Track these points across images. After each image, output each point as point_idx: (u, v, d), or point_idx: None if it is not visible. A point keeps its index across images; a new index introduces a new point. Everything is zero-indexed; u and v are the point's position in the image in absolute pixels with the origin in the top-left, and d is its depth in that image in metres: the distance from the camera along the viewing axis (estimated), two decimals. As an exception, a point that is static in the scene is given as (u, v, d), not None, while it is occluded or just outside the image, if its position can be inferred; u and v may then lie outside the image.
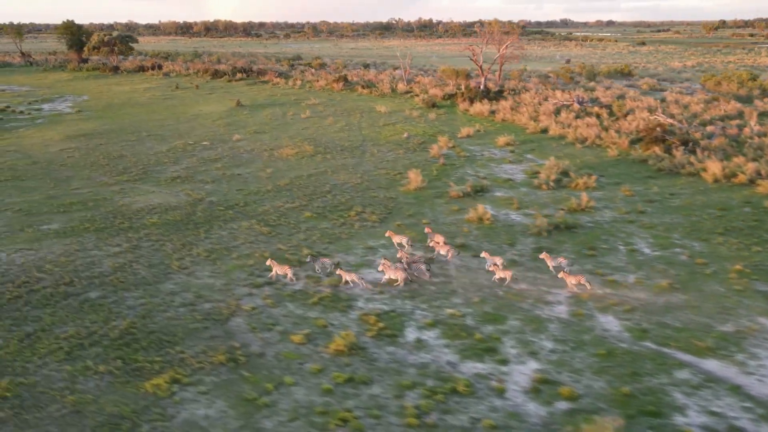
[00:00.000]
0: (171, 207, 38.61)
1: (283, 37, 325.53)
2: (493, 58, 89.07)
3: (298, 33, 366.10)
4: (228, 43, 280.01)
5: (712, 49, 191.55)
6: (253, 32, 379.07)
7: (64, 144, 58.99)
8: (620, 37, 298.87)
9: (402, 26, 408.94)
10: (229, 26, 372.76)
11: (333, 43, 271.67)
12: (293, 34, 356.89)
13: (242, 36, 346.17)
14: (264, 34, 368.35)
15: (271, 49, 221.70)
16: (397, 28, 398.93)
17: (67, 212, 38.06)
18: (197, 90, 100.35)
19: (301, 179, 44.80)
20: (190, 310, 24.94)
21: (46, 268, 29.30)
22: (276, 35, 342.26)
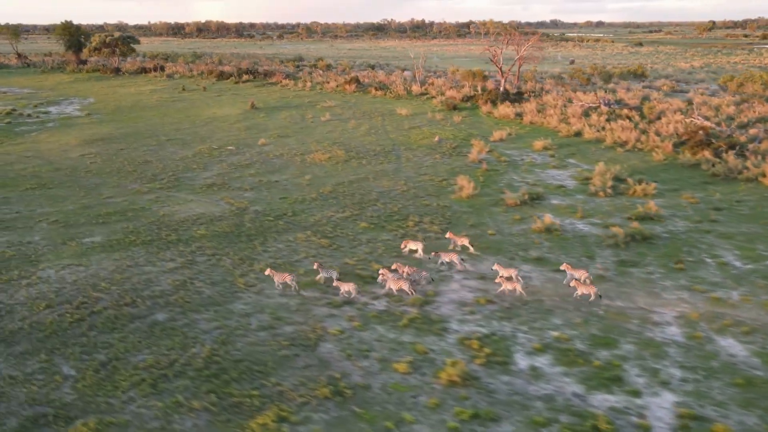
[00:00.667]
0: (216, 217, 36.49)
1: (277, 38, 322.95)
2: (496, 58, 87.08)
3: (291, 33, 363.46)
4: (222, 44, 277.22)
5: (712, 50, 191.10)
6: (245, 33, 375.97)
7: (82, 149, 56.69)
8: (615, 37, 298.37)
9: (395, 27, 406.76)
10: (221, 27, 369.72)
11: (328, 44, 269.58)
12: (286, 34, 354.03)
13: (235, 37, 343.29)
14: (256, 34, 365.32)
15: (268, 50, 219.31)
16: (390, 29, 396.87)
17: (106, 223, 35.86)
18: (205, 92, 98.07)
19: (344, 186, 42.84)
20: (272, 335, 22.92)
21: (102, 286, 27.16)
22: (269, 36, 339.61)
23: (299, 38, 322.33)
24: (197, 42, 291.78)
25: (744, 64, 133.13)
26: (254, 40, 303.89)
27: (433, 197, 40.24)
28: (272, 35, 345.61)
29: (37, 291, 26.84)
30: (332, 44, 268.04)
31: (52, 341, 22.67)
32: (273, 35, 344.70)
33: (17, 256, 30.81)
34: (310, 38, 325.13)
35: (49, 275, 28.50)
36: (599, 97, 71.96)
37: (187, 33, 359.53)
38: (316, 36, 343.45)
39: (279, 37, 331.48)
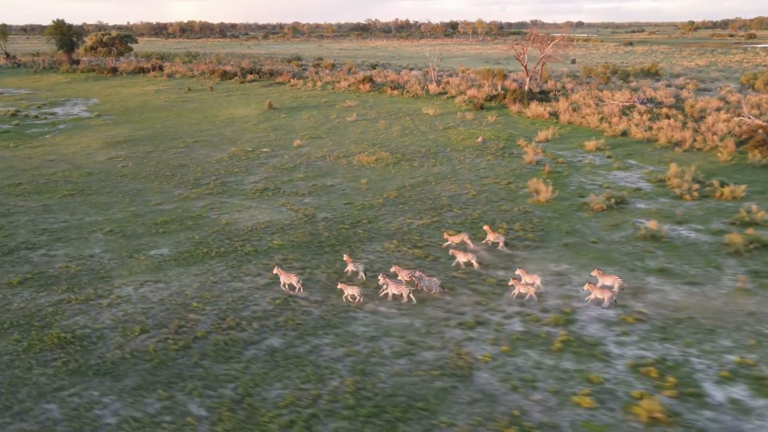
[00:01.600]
0: (286, 225, 33.56)
1: (262, 38, 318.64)
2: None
3: (276, 34, 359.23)
4: (209, 44, 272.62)
5: (707, 49, 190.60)
6: (228, 33, 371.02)
7: (108, 152, 53.46)
8: (601, 37, 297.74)
9: (380, 27, 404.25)
10: (205, 27, 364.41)
11: (317, 44, 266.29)
12: (271, 35, 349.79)
13: (219, 37, 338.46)
14: (241, 35, 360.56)
15: (257, 50, 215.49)
16: (375, 29, 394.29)
17: (167, 233, 32.76)
18: (213, 92, 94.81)
19: (406, 190, 40.10)
20: (414, 363, 20.12)
21: (194, 306, 24.16)
22: (254, 36, 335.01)
23: (285, 38, 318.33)
24: (183, 42, 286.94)
25: (749, 62, 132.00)
26: (240, 41, 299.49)
27: (508, 201, 37.58)
28: (257, 35, 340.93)
29: (123, 312, 23.72)
30: (320, 44, 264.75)
31: (164, 373, 19.63)
32: (258, 35, 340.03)
33: (84, 272, 27.67)
34: (296, 38, 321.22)
35: (128, 294, 25.39)
36: (634, 95, 69.57)
37: (170, 33, 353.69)
38: (303, 36, 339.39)
39: (264, 37, 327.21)
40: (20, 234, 32.95)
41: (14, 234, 32.96)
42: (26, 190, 41.71)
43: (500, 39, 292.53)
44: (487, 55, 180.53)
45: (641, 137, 55.06)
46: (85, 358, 20.60)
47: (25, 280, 27.02)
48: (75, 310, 24.08)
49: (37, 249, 30.75)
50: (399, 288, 24.32)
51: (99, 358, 20.68)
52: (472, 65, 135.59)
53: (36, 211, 37.09)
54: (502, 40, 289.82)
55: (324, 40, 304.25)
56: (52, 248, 30.84)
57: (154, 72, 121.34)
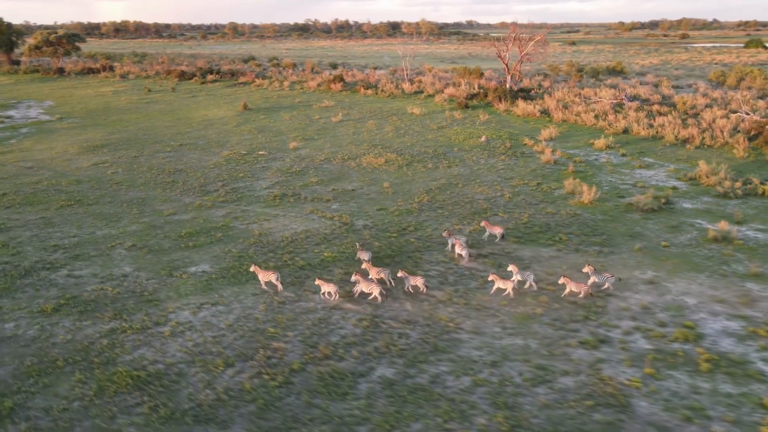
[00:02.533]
0: (327, 235, 30.79)
1: (201, 38, 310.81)
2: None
3: (215, 34, 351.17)
4: (147, 44, 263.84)
5: (651, 48, 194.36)
6: (165, 33, 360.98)
7: (89, 157, 49.50)
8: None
9: (320, 27, 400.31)
10: (140, 27, 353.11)
11: (260, 44, 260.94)
12: (209, 35, 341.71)
13: (155, 37, 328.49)
14: (177, 35, 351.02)
15: (200, 50, 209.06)
16: (315, 29, 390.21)
17: (198, 247, 29.47)
18: (175, 93, 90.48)
19: (436, 193, 37.88)
20: (557, 392, 18.06)
21: (271, 332, 21.44)
22: (193, 36, 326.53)
23: (226, 39, 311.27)
24: (119, 42, 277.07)
25: (700, 61, 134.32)
26: (179, 41, 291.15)
27: (548, 204, 35.67)
28: (195, 36, 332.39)
29: (192, 343, 20.54)
30: (264, 44, 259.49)
31: (276, 417, 16.77)
32: (196, 36, 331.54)
33: (125, 295, 24.25)
34: (237, 38, 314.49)
35: (188, 320, 22.15)
36: (621, 93, 68.82)
37: (103, 33, 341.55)
38: (244, 36, 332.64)
39: (203, 37, 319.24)
40: (29, 251, 29.11)
41: (23, 252, 29.08)
42: (14, 201, 37.52)
43: (444, 39, 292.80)
44: (439, 54, 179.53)
45: (646, 135, 54.06)
46: (174, 402, 17.43)
47: (59, 306, 23.41)
48: (134, 342, 20.73)
49: (57, 269, 27.03)
50: (369, 286, 23.36)
51: (190, 400, 17.53)
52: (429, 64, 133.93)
53: (36, 224, 33.12)
54: (446, 40, 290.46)
55: (266, 40, 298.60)
56: (74, 267, 27.16)
57: (104, 72, 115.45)
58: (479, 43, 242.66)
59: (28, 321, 22.43)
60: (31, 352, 20.31)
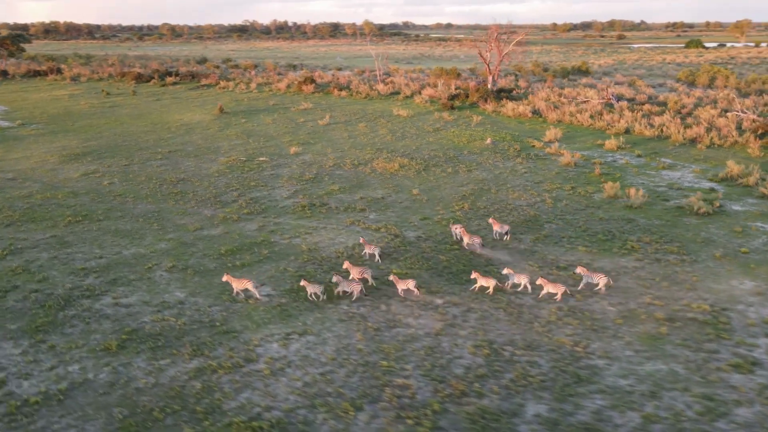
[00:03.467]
0: (384, 249, 28.58)
1: (137, 40, 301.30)
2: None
3: (151, 35, 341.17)
4: (81, 45, 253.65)
5: (596, 49, 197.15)
6: (97, 35, 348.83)
7: (74, 167, 46.01)
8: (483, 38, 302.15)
9: (259, 28, 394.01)
10: (72, 28, 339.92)
11: (201, 46, 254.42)
12: (146, 36, 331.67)
13: (88, 38, 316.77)
14: (110, 36, 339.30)
15: (141, 51, 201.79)
16: (254, 30, 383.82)
17: (247, 266, 26.83)
18: (138, 97, 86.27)
19: (473, 200, 36.43)
20: (744, 426, 15.80)
21: (384, 365, 19.11)
22: (129, 38, 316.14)
23: (164, 40, 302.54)
24: (52, 44, 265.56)
25: (652, 60, 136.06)
26: (114, 42, 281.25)
27: (595, 209, 34.24)
28: (132, 37, 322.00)
29: (301, 382, 18.07)
30: (206, 46, 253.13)
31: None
32: (133, 37, 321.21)
33: (194, 326, 21.44)
34: (176, 39, 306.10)
35: (281, 353, 19.54)
36: (608, 93, 68.26)
37: (32, 34, 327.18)
38: (183, 37, 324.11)
39: (139, 38, 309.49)
40: (56, 277, 25.78)
41: (50, 278, 25.71)
42: (13, 217, 33.81)
43: (388, 39, 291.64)
44: (392, 55, 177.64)
45: (651, 135, 53.21)
46: (318, 458, 14.69)
47: (123, 342, 20.36)
48: (233, 384, 17.96)
49: (98, 296, 23.81)
50: (350, 285, 23.12)
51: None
52: (372, 65, 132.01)
53: (49, 244, 29.61)
54: (391, 41, 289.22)
55: (207, 41, 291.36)
56: (117, 294, 23.98)
57: (52, 75, 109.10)
58: (427, 43, 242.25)
59: (94, 362, 19.28)
60: (115, 401, 17.29)
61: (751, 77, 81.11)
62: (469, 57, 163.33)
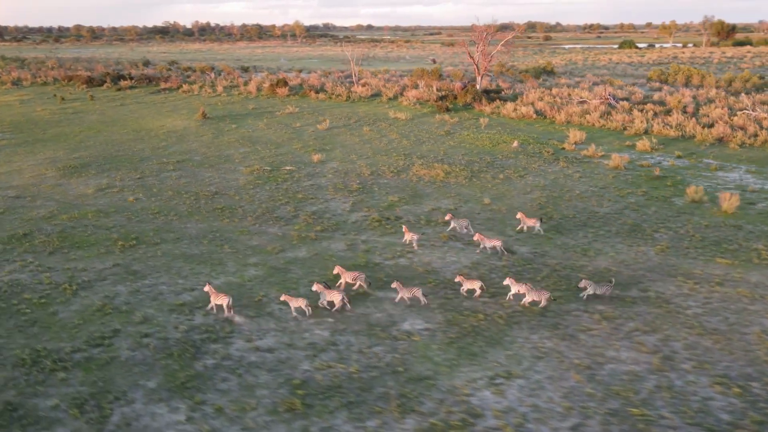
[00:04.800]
0: (508, 268, 25.99)
1: (54, 42, 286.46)
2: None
3: (66, 37, 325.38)
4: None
5: (535, 50, 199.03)
6: (7, 36, 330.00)
7: (82, 181, 41.89)
8: (407, 38, 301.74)
9: (181, 30, 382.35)
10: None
11: (127, 48, 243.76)
12: (62, 38, 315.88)
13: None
14: (21, 37, 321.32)
15: (68, 54, 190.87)
16: (177, 32, 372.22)
17: (370, 294, 23.23)
18: (97, 102, 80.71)
19: (555, 209, 33.95)
20: None
21: (639, 414, 15.96)
22: (45, 40, 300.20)
23: (83, 42, 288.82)
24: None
25: (599, 60, 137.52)
26: (30, 44, 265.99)
27: (686, 215, 32.82)
28: (47, 39, 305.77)
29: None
30: (132, 48, 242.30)
31: None
32: (49, 39, 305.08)
33: (373, 373, 18.55)
34: (96, 41, 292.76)
35: (503, 404, 16.76)
36: (606, 92, 67.38)
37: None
38: (103, 39, 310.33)
39: (56, 40, 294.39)
40: (157, 316, 22.09)
41: (150, 318, 21.91)
42: (51, 243, 29.48)
43: (320, 41, 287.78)
44: (329, 56, 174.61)
45: (675, 135, 52.10)
46: None
47: (303, 398, 16.86)
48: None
49: (227, 340, 20.22)
50: (331, 294, 21.97)
51: None
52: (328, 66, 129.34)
53: (119, 275, 25.62)
54: (323, 42, 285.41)
55: (131, 43, 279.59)
56: (245, 337, 20.40)
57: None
58: (360, 45, 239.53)
59: (287, 427, 15.60)
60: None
61: (727, 76, 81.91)
62: (416, 58, 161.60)
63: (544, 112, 62.79)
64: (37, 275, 25.65)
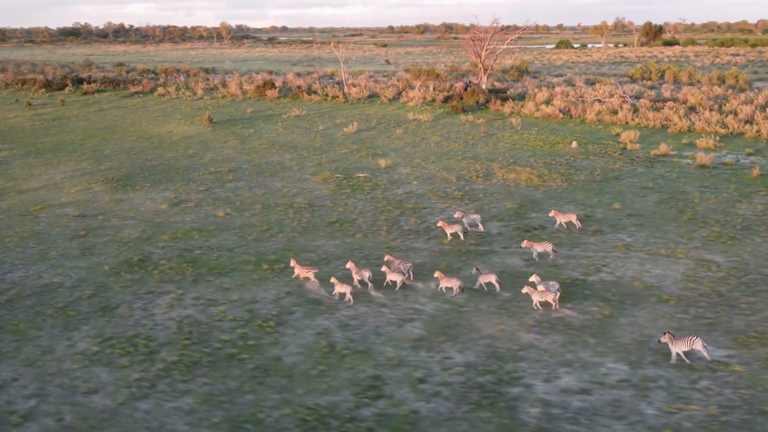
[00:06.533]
0: (704, 280, 23.52)
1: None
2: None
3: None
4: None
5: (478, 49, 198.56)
6: None
7: (141, 196, 37.73)
8: (330, 38, 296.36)
9: (95, 31, 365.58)
10: None
11: (46, 50, 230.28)
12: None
13: None
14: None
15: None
16: (89, 34, 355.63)
17: (617, 326, 20.79)
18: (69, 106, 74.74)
19: (691, 213, 32.14)
20: None
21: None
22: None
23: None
24: None
25: (559, 60, 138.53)
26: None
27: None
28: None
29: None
30: (51, 50, 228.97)
31: None
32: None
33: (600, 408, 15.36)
34: (6, 44, 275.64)
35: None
36: (620, 92, 66.97)
37: None
38: (13, 42, 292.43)
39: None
40: (406, 356, 18.89)
41: (405, 359, 18.59)
42: (180, 270, 25.82)
43: (249, 42, 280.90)
44: (270, 57, 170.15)
45: (724, 132, 51.66)
46: None
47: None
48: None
49: (516, 380, 16.90)
50: (343, 287, 22.32)
51: None
52: (272, 66, 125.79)
53: (303, 306, 22.44)
54: (252, 43, 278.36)
55: (45, 45, 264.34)
56: (544, 377, 17.22)
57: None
58: (293, 46, 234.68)
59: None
60: None
61: (714, 74, 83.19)
62: (365, 59, 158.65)
63: (569, 111, 61.26)
64: (206, 310, 21.66)
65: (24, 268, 25.77)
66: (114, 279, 24.50)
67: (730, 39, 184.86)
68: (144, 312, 21.58)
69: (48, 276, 24.91)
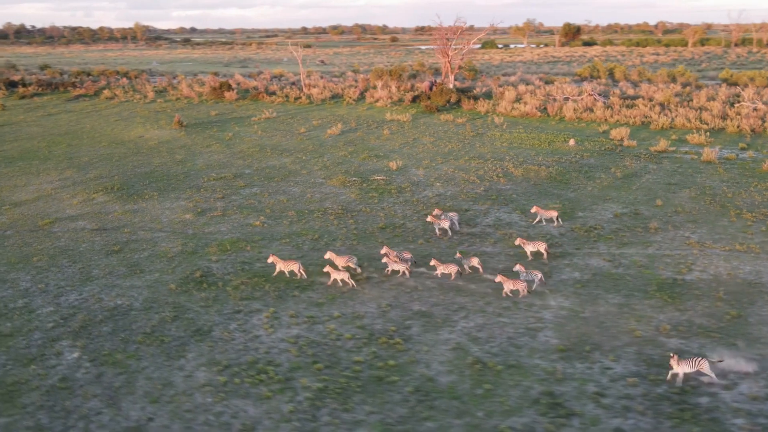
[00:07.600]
0: None
1: None
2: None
3: None
4: None
5: (405, 50, 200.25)
6: None
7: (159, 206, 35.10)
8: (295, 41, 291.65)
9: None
10: None
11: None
12: None
13: None
14: None
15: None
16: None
17: (736, 332, 20.56)
18: (11, 111, 69.76)
19: (719, 205, 32.39)
20: None
21: None
22: None
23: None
24: None
25: (493, 60, 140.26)
26: None
27: None
28: None
29: None
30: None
31: None
32: None
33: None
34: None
35: None
36: (590, 90, 68.00)
37: None
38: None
39: None
40: (594, 377, 17.49)
41: (588, 378, 17.34)
42: (258, 286, 23.43)
43: (165, 44, 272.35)
44: (196, 59, 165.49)
45: (705, 128, 53.03)
46: None
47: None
48: None
49: (701, 391, 16.23)
50: (340, 274, 22.91)
51: None
52: (201, 68, 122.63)
53: (421, 322, 20.80)
54: (168, 45, 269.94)
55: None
56: (724, 384, 16.59)
57: None
58: (214, 47, 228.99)
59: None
60: None
61: (663, 71, 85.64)
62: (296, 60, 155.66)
63: (546, 110, 61.57)
64: (314, 328, 20.06)
65: (74, 290, 23.10)
66: (186, 299, 22.22)
67: (644, 39, 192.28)
68: (246, 334, 19.53)
69: (108, 297, 22.35)
